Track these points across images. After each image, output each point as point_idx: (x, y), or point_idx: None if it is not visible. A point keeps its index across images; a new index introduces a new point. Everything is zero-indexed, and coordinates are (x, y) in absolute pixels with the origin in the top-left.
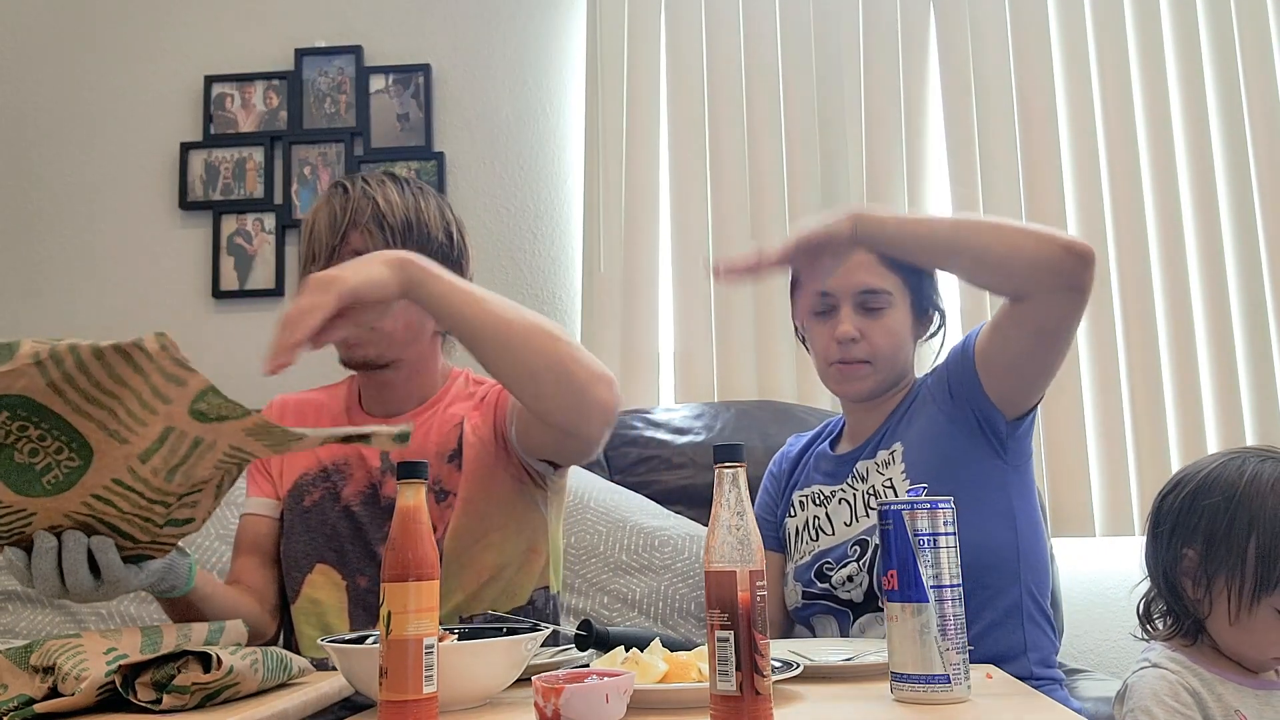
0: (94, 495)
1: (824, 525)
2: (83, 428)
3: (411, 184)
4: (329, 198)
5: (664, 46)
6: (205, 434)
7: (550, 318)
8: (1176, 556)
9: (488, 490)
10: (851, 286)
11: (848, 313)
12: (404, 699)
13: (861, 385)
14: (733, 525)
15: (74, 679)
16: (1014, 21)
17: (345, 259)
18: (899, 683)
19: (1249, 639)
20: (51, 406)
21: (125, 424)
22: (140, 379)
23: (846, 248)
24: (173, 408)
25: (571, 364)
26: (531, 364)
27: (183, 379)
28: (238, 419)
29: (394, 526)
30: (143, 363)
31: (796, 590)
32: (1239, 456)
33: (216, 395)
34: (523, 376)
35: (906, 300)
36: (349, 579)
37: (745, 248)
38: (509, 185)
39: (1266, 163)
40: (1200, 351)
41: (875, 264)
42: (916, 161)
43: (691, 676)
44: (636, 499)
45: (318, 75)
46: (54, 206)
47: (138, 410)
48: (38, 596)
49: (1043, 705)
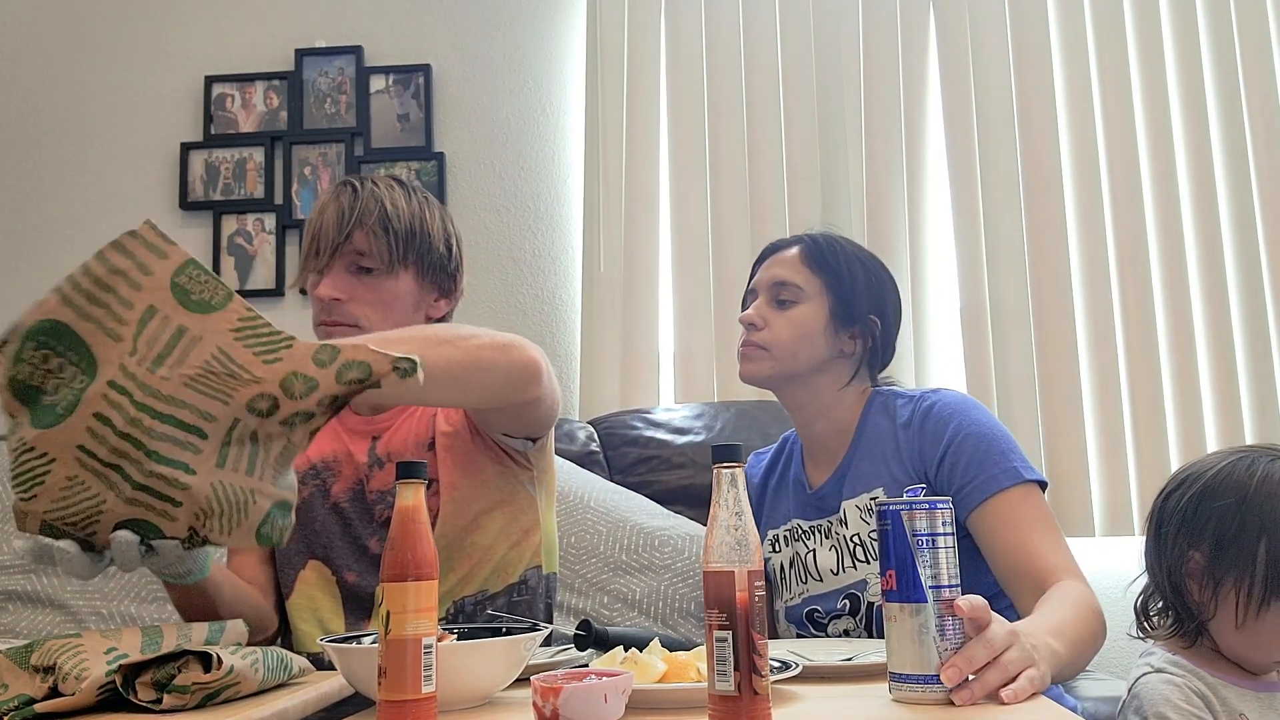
0: (94, 415)
1: (811, 569)
2: (86, 334)
3: (418, 191)
4: (336, 195)
5: (664, 46)
6: (189, 323)
7: (550, 318)
8: (1181, 557)
9: (470, 475)
10: (769, 280)
11: (759, 302)
12: (403, 699)
13: (754, 367)
14: (731, 525)
15: (74, 679)
16: (1013, 22)
17: (348, 258)
18: (897, 683)
19: (1255, 642)
20: (63, 319)
21: (118, 315)
22: (129, 260)
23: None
24: (154, 280)
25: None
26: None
27: (164, 251)
28: (221, 308)
29: (393, 526)
30: (129, 244)
31: (790, 631)
32: (1247, 456)
33: (196, 267)
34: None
35: (824, 302)
36: (338, 575)
37: (745, 247)
38: (509, 185)
39: (1266, 163)
40: (1200, 352)
41: (798, 261)
42: (916, 162)
43: (690, 676)
44: (636, 499)
45: (318, 75)
46: (55, 206)
47: (126, 293)
48: (38, 596)
49: (1042, 705)
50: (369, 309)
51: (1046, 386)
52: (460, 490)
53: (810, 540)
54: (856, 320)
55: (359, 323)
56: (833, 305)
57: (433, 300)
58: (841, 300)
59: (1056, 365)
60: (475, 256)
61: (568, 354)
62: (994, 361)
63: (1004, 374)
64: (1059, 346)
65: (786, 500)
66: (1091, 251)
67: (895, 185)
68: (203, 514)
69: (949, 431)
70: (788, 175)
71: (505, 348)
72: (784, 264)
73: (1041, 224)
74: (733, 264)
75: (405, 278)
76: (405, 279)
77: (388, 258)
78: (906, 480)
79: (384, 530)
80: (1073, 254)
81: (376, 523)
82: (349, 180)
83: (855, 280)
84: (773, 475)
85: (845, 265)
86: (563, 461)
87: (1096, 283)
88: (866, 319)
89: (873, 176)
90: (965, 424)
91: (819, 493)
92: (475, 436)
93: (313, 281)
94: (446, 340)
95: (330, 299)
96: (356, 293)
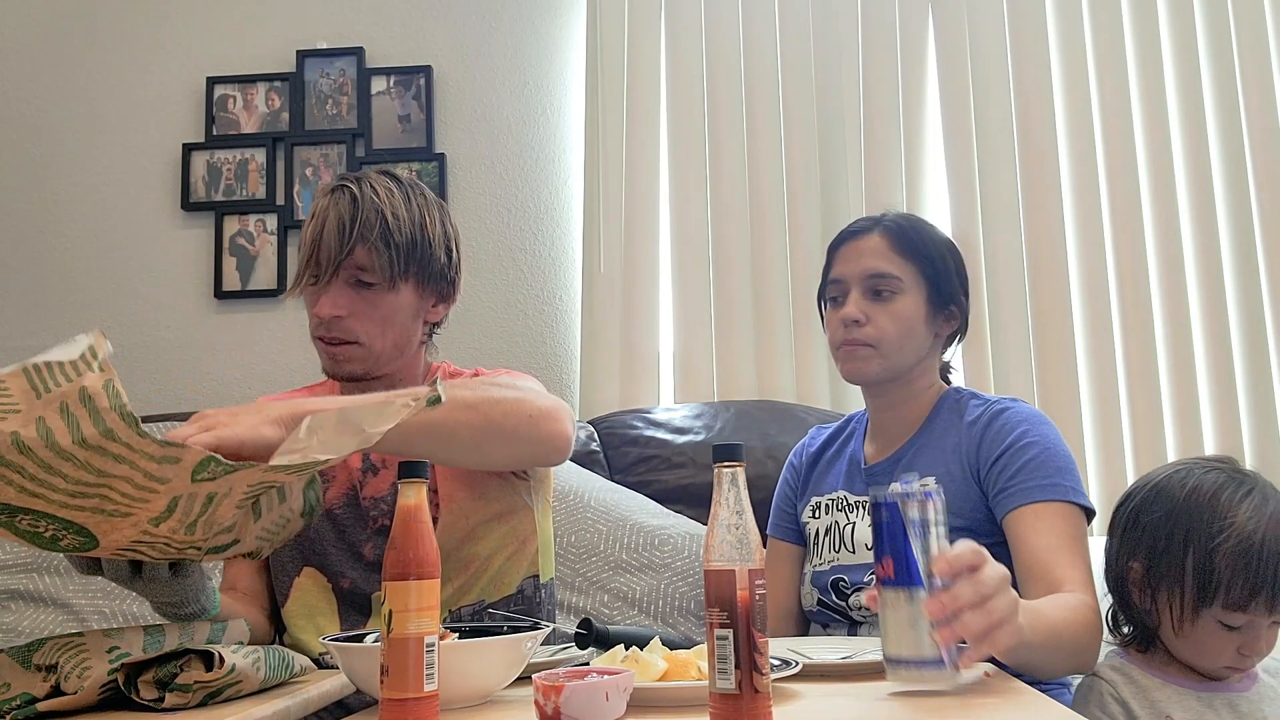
0: (120, 549)
1: (847, 540)
2: (74, 518)
3: (416, 192)
4: (335, 201)
5: (664, 47)
6: (217, 489)
7: (550, 318)
8: (1125, 568)
9: (470, 486)
10: (861, 271)
11: (855, 296)
12: (405, 697)
13: (865, 366)
14: (732, 524)
15: (76, 677)
16: (1012, 23)
17: (348, 272)
18: (894, 665)
19: (1195, 649)
20: (31, 506)
21: (123, 504)
22: (124, 467)
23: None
24: (174, 484)
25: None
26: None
27: (175, 457)
28: (246, 469)
29: (395, 525)
30: (120, 451)
31: (813, 595)
32: (1185, 467)
33: (218, 464)
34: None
35: (921, 289)
36: (333, 581)
37: (745, 248)
38: (509, 185)
39: (1263, 167)
40: (1197, 353)
41: (888, 249)
42: (915, 162)
43: (691, 675)
44: (637, 498)
45: (319, 76)
46: (57, 207)
47: (132, 492)
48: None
49: (1041, 704)
50: (369, 324)
51: (1044, 391)
52: (459, 501)
53: (853, 514)
54: (951, 302)
55: (359, 339)
56: (929, 292)
57: (431, 306)
58: (936, 286)
59: (1054, 370)
60: (476, 257)
61: (568, 354)
62: (992, 367)
63: (1002, 379)
64: (1057, 351)
65: (838, 471)
66: (1089, 256)
67: (894, 188)
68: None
69: (1014, 435)
70: (787, 176)
71: (536, 420)
72: (874, 253)
73: (1040, 229)
74: (732, 264)
75: (405, 290)
76: (405, 291)
77: (389, 273)
78: (961, 476)
79: (379, 536)
80: (1070, 259)
81: (371, 529)
82: (345, 183)
83: (946, 262)
84: (830, 448)
85: (934, 248)
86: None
87: (1094, 287)
88: (959, 299)
89: (872, 177)
90: (1032, 433)
91: (872, 470)
92: None
93: (311, 295)
94: (471, 406)
95: (331, 316)
96: (356, 308)
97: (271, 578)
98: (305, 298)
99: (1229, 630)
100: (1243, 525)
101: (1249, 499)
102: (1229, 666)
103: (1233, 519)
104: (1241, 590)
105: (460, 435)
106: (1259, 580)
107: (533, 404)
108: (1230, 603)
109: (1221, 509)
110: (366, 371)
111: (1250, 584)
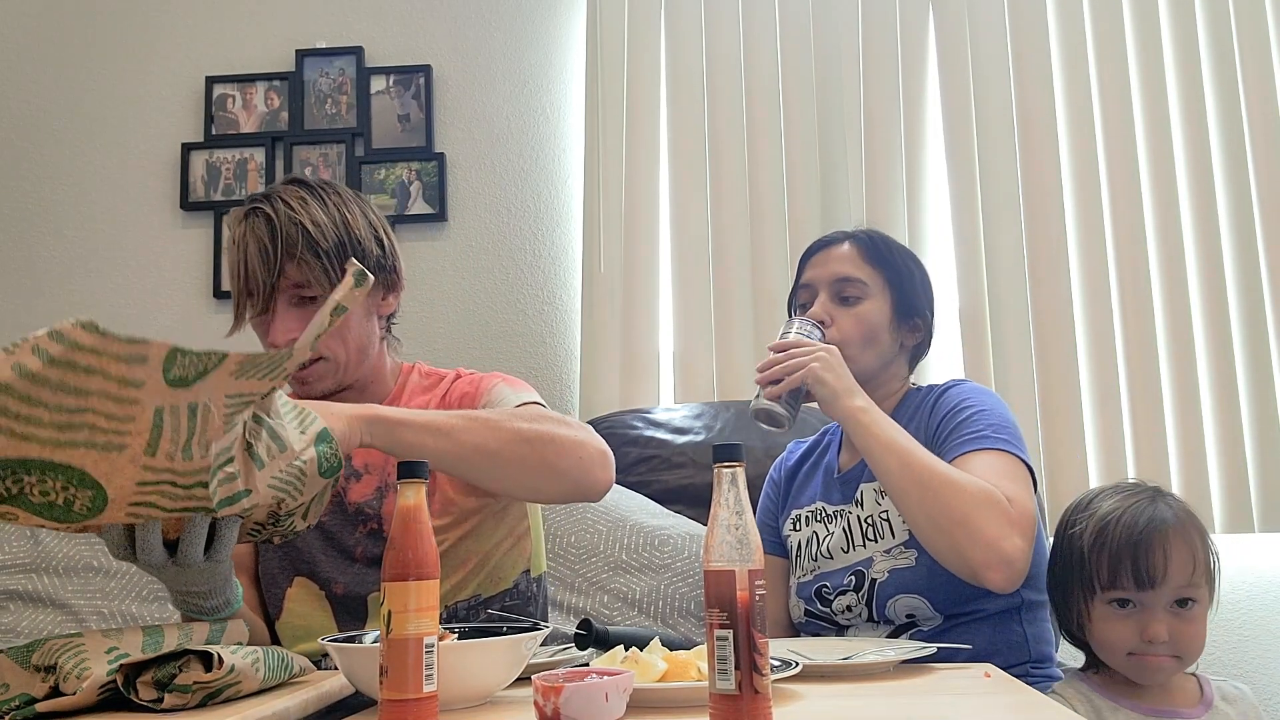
0: (132, 504)
1: (825, 549)
2: (71, 459)
3: (330, 192)
4: (250, 227)
5: (664, 47)
6: (195, 397)
7: (550, 318)
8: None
9: (464, 486)
10: (829, 276)
11: (822, 299)
12: (404, 698)
13: None
14: (731, 524)
15: (75, 678)
16: (1013, 25)
17: (287, 294)
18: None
19: (1105, 646)
20: (27, 455)
21: (111, 430)
22: (97, 379)
23: None
24: (148, 387)
25: (558, 461)
26: (523, 480)
27: (141, 355)
28: (217, 367)
29: (394, 526)
30: (88, 361)
31: (800, 607)
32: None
33: (184, 353)
34: (517, 490)
35: (887, 297)
36: (325, 587)
37: (744, 248)
38: (509, 185)
39: (1264, 163)
40: (1199, 354)
41: (856, 257)
42: (915, 163)
43: (691, 675)
44: (636, 499)
45: (319, 76)
46: (56, 207)
47: (115, 410)
48: (39, 596)
49: (1041, 704)
50: (328, 339)
51: (1045, 389)
52: (453, 501)
53: (831, 524)
54: (915, 314)
55: (323, 354)
56: (895, 300)
57: (380, 300)
58: (902, 295)
59: (1055, 368)
60: (475, 256)
61: (568, 354)
62: (993, 365)
63: (1003, 377)
64: (1058, 349)
65: (815, 483)
66: (1090, 254)
67: (894, 187)
68: (275, 514)
69: (954, 404)
70: (787, 176)
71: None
72: (843, 260)
73: (1041, 227)
74: (732, 264)
75: None
76: None
77: (327, 282)
78: None
79: (368, 540)
80: (1072, 257)
81: (361, 532)
82: (256, 205)
83: (913, 275)
84: (807, 461)
85: (900, 260)
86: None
87: (1095, 285)
88: (923, 313)
89: (872, 178)
90: (971, 400)
91: (845, 476)
92: None
93: (259, 325)
94: (531, 439)
95: (287, 341)
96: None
97: (263, 590)
98: (255, 330)
99: (1120, 612)
100: (1105, 512)
101: (1120, 495)
102: (1134, 655)
103: (1097, 508)
104: (1106, 568)
105: (511, 467)
106: (1118, 554)
107: (588, 448)
108: (1102, 583)
109: (1090, 505)
110: (338, 384)
111: (1111, 559)
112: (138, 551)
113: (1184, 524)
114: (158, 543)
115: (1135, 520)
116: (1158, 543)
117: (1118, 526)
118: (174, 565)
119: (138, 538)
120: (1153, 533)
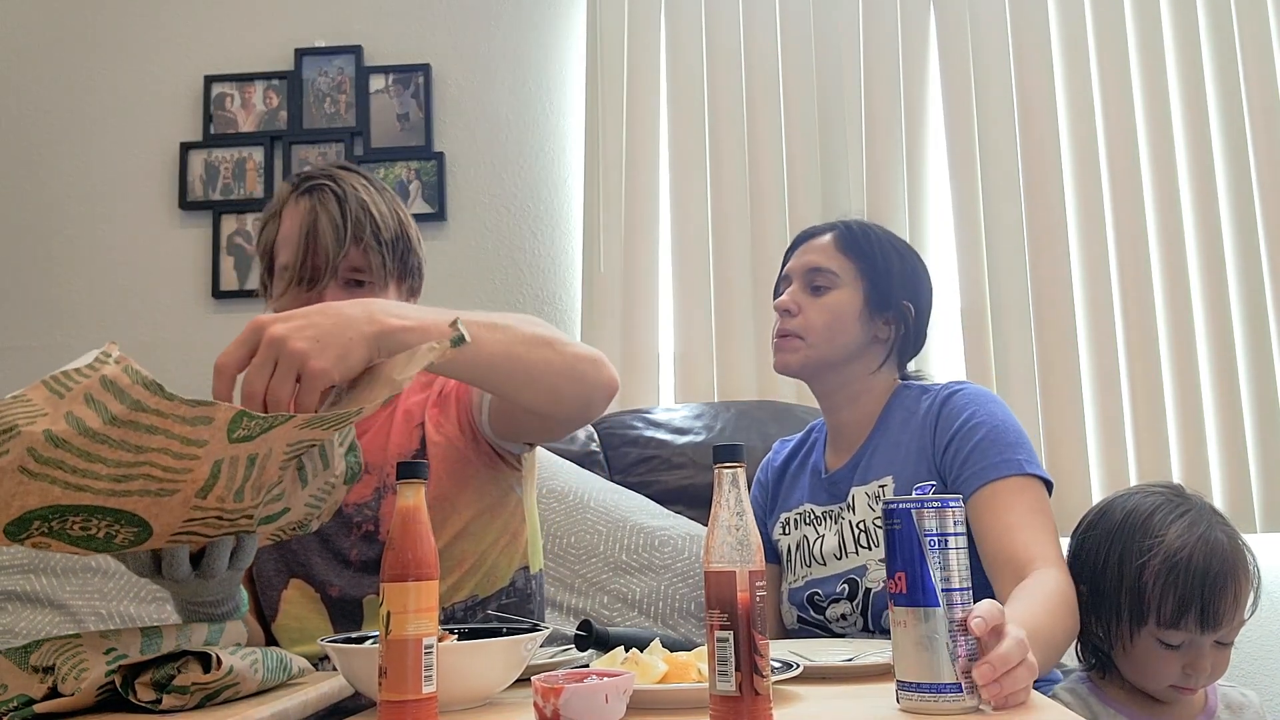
0: (174, 534)
1: (816, 553)
2: (123, 505)
3: (380, 186)
4: (321, 203)
5: (664, 46)
6: (257, 449)
7: (550, 318)
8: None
9: (461, 483)
10: (803, 266)
11: (793, 289)
12: (403, 699)
13: (790, 358)
14: (732, 525)
15: (74, 679)
16: (1014, 21)
17: (343, 275)
18: (906, 692)
19: (1139, 669)
20: (79, 503)
21: (166, 479)
22: (160, 438)
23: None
24: (211, 446)
25: (577, 364)
26: (552, 386)
27: (207, 417)
28: (283, 424)
29: (394, 526)
30: (151, 421)
31: (792, 613)
32: (1129, 492)
33: (250, 417)
34: (544, 400)
35: (858, 287)
36: (320, 590)
37: (745, 248)
38: (509, 185)
39: (1266, 157)
40: (1200, 349)
41: (831, 247)
42: (916, 161)
43: (691, 677)
44: (637, 499)
45: (318, 75)
46: (55, 207)
47: (173, 464)
48: (38, 596)
49: (1042, 705)
50: None
51: (1047, 384)
52: (450, 499)
53: (820, 526)
54: (891, 306)
55: None
56: (867, 291)
57: (406, 299)
58: (876, 286)
59: (1057, 363)
60: (475, 256)
61: None
62: (994, 360)
63: (1004, 372)
64: (1059, 344)
65: (802, 484)
66: (1092, 249)
67: (895, 184)
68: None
69: (961, 418)
70: (788, 175)
71: (597, 363)
72: (817, 250)
73: (1042, 222)
74: (733, 264)
75: (391, 288)
76: (391, 289)
77: (382, 273)
78: (917, 471)
79: (363, 542)
80: (1073, 252)
81: (356, 535)
82: (323, 182)
83: (889, 265)
84: (794, 460)
85: (879, 251)
86: (563, 461)
87: (1097, 280)
88: (900, 305)
89: (873, 175)
90: (979, 413)
91: (833, 477)
92: (469, 443)
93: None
94: (547, 342)
95: None
96: None
97: (258, 592)
98: (278, 305)
99: (1169, 649)
100: (1170, 543)
101: (1181, 520)
102: (1175, 686)
103: (1161, 537)
104: (1172, 608)
105: (537, 373)
106: (1187, 597)
107: (587, 349)
108: (1163, 621)
109: (1153, 529)
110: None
111: (1179, 601)
112: (163, 568)
113: (1243, 561)
114: (185, 559)
115: (1208, 564)
116: (1229, 589)
117: (1189, 567)
118: (197, 578)
119: (164, 555)
120: (1225, 577)
